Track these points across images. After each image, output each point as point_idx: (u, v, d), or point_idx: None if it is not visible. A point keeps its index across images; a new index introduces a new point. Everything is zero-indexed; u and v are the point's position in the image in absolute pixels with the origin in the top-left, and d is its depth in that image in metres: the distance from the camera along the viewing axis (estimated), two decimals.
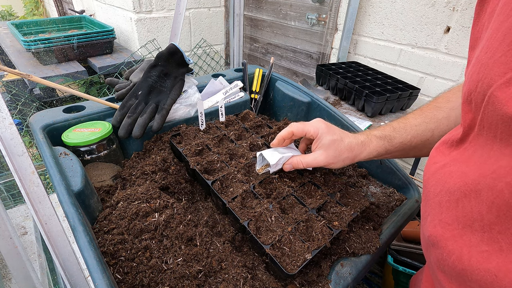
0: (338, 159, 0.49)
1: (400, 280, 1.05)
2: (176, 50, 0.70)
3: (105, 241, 0.44)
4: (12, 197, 1.19)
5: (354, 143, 0.50)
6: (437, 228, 0.31)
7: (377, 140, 0.50)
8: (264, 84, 0.89)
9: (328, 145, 0.49)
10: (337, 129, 0.51)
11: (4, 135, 0.34)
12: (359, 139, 0.50)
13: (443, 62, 1.28)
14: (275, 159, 0.53)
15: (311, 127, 0.51)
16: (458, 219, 0.28)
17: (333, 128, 0.51)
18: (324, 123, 0.52)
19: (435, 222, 0.32)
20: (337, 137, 0.49)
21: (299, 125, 0.52)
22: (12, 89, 1.59)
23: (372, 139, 0.50)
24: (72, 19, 2.20)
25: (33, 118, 0.60)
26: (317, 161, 0.50)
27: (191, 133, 0.68)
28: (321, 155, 0.49)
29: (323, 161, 0.49)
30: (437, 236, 0.31)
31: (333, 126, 0.52)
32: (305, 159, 0.51)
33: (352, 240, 0.52)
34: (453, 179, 0.29)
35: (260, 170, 0.58)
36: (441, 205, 0.31)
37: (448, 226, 0.29)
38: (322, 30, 1.67)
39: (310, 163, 0.51)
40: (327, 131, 0.50)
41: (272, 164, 0.53)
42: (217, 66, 2.22)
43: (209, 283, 0.44)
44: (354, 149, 0.50)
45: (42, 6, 4.04)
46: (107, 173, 0.61)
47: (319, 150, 0.50)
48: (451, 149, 0.33)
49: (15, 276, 0.47)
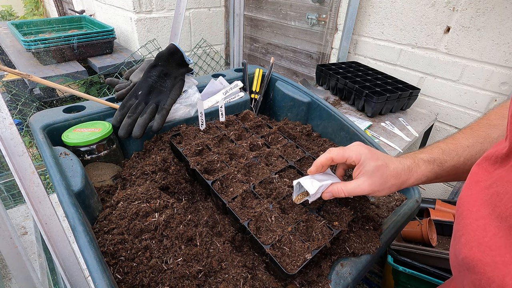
0: (384, 186, 0.45)
1: (400, 280, 1.05)
2: (176, 50, 0.70)
3: (105, 241, 0.44)
4: (12, 197, 1.19)
5: (400, 169, 0.46)
6: (475, 251, 0.29)
7: (426, 164, 0.46)
8: (264, 84, 0.89)
9: (372, 172, 0.45)
10: (380, 154, 0.47)
11: (4, 135, 0.34)
12: (405, 164, 0.46)
13: (443, 62, 1.28)
14: (315, 188, 0.48)
15: (352, 152, 0.47)
16: (508, 247, 0.26)
17: (375, 152, 0.47)
18: (366, 147, 0.48)
19: (472, 244, 0.30)
20: (382, 163, 0.45)
21: (339, 150, 0.48)
22: (12, 89, 1.59)
23: (420, 163, 0.46)
24: (72, 19, 2.20)
25: (33, 118, 0.60)
26: (361, 189, 0.46)
27: (191, 133, 0.68)
28: (364, 183, 0.45)
29: (367, 189, 0.45)
30: (474, 259, 0.29)
31: (375, 150, 0.48)
32: (346, 187, 0.47)
33: (352, 240, 0.52)
34: (504, 202, 0.27)
35: (298, 199, 0.53)
36: (486, 230, 0.28)
37: (491, 251, 0.27)
38: (322, 30, 1.67)
39: (353, 191, 0.47)
40: (370, 156, 0.46)
41: (311, 193, 0.48)
42: (217, 66, 2.22)
43: (209, 283, 0.44)
44: (401, 176, 0.46)
45: (42, 6, 4.04)
46: (107, 173, 0.61)
47: (362, 177, 0.46)
48: (495, 166, 0.31)
49: (15, 276, 0.47)
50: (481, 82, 1.20)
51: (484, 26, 1.13)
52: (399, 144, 1.08)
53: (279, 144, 0.71)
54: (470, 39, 1.18)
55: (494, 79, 1.17)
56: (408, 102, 1.28)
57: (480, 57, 1.17)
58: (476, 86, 1.23)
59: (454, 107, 1.32)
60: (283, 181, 0.60)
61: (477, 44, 1.17)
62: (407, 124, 1.21)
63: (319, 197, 0.50)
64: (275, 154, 0.67)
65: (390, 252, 1.05)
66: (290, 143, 0.72)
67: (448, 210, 1.18)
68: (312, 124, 0.83)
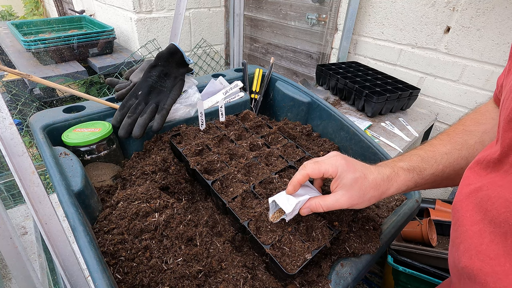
0: (363, 199, 0.44)
1: (400, 280, 1.05)
2: (176, 50, 0.70)
3: (105, 241, 0.44)
4: (12, 197, 1.19)
5: (379, 179, 0.44)
6: (474, 261, 0.28)
7: (405, 173, 0.45)
8: (264, 84, 0.89)
9: (350, 185, 0.43)
10: (358, 164, 0.46)
11: (4, 135, 0.34)
12: (384, 174, 0.45)
13: (443, 62, 1.28)
14: (291, 205, 0.46)
15: (328, 165, 0.45)
16: (506, 255, 0.26)
17: (353, 163, 0.45)
18: (342, 157, 0.46)
19: (471, 253, 0.29)
20: (360, 175, 0.44)
21: (314, 165, 0.46)
22: (12, 89, 1.59)
23: (399, 172, 0.45)
24: (72, 19, 2.20)
25: (33, 118, 0.60)
26: (339, 203, 0.44)
27: (191, 133, 0.68)
28: (343, 196, 0.44)
29: (346, 203, 0.44)
30: (474, 269, 0.28)
31: (352, 160, 0.46)
32: (325, 202, 0.45)
33: (352, 240, 0.52)
34: (496, 207, 0.27)
35: (274, 218, 0.50)
36: (482, 236, 0.28)
37: (490, 260, 0.27)
38: (322, 30, 1.67)
39: (331, 206, 0.45)
40: (347, 168, 0.44)
41: (288, 212, 0.46)
42: (217, 66, 2.22)
43: (209, 283, 0.44)
44: (380, 186, 0.44)
45: (42, 6, 4.04)
46: (107, 173, 0.61)
47: (340, 190, 0.44)
48: (488, 170, 0.31)
49: (15, 276, 0.47)
50: (481, 82, 1.20)
51: (484, 26, 1.13)
52: (399, 144, 1.08)
53: (279, 144, 0.71)
54: (470, 39, 1.18)
55: (494, 79, 1.17)
56: (408, 102, 1.28)
57: (480, 57, 1.17)
58: (476, 86, 1.23)
59: (454, 107, 1.32)
60: (283, 181, 0.60)
61: (477, 44, 1.17)
62: (407, 124, 1.21)
63: (297, 213, 0.48)
64: (275, 154, 0.67)
65: (390, 252, 1.05)
66: (290, 143, 0.72)
67: (448, 210, 1.18)
68: (312, 124, 0.83)
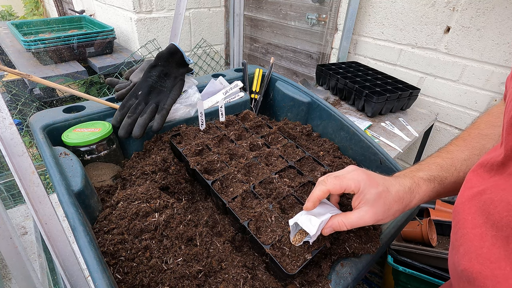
0: (388, 214, 0.42)
1: (400, 280, 1.05)
2: (176, 50, 0.70)
3: (105, 241, 0.44)
4: (12, 197, 1.19)
5: (401, 192, 0.43)
6: (474, 263, 0.28)
7: (426, 183, 0.44)
8: (264, 84, 0.89)
9: (374, 200, 0.42)
10: (378, 177, 0.44)
11: (4, 135, 0.34)
12: (406, 186, 0.43)
13: (443, 62, 1.28)
14: (315, 226, 0.43)
15: (350, 181, 0.43)
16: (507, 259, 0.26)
17: (374, 177, 0.44)
18: (363, 172, 0.44)
19: (470, 255, 0.29)
20: (383, 189, 0.42)
21: (335, 181, 0.44)
22: (12, 89, 1.59)
23: (420, 183, 0.44)
24: (72, 19, 2.20)
25: (33, 118, 0.60)
26: (364, 220, 0.42)
27: (191, 133, 0.68)
28: (367, 213, 0.42)
29: (371, 219, 0.42)
30: (474, 272, 0.28)
31: (372, 173, 0.45)
32: (348, 220, 0.43)
33: (352, 240, 0.52)
34: (499, 211, 0.27)
35: (296, 241, 0.47)
36: (483, 239, 0.28)
37: (490, 264, 0.27)
38: (322, 30, 1.67)
39: (355, 224, 0.43)
40: (370, 183, 0.42)
41: (312, 234, 0.44)
42: (217, 66, 2.22)
43: (209, 283, 0.44)
44: (404, 199, 0.43)
45: (42, 6, 4.04)
46: (107, 173, 0.61)
47: (364, 206, 0.42)
48: (491, 173, 0.30)
49: (15, 276, 0.47)
50: (481, 82, 1.20)
51: (484, 26, 1.13)
52: (399, 144, 1.08)
53: (279, 144, 0.71)
54: (470, 39, 1.18)
55: (494, 79, 1.17)
56: (408, 102, 1.28)
57: (480, 57, 1.17)
58: (476, 86, 1.23)
59: (454, 107, 1.32)
60: (283, 181, 0.60)
61: (477, 44, 1.17)
62: (407, 124, 1.21)
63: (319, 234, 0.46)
64: (275, 154, 0.67)
65: (390, 252, 1.05)
66: (290, 143, 0.72)
67: (448, 210, 1.18)
68: (312, 124, 0.83)
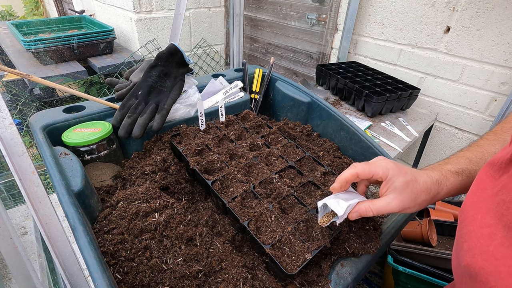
0: (415, 203, 0.43)
1: (400, 280, 1.05)
2: (176, 50, 0.70)
3: (105, 241, 0.44)
4: (12, 197, 1.19)
5: (429, 182, 0.43)
6: (477, 259, 0.29)
7: (454, 176, 0.44)
8: (264, 84, 0.89)
9: (402, 188, 0.43)
10: (407, 168, 0.45)
11: (4, 135, 0.34)
12: (434, 177, 0.44)
13: (443, 62, 1.28)
14: (342, 208, 0.45)
15: (379, 168, 0.44)
16: None
17: (402, 167, 0.45)
18: (391, 161, 0.45)
19: (474, 252, 0.29)
20: (411, 178, 0.43)
21: (365, 166, 0.45)
22: (12, 89, 1.59)
23: (448, 175, 0.44)
24: (72, 19, 2.20)
25: (33, 118, 0.60)
26: (391, 207, 0.43)
27: (191, 133, 0.68)
28: (394, 200, 0.43)
29: (398, 207, 0.43)
30: (476, 268, 0.28)
31: (400, 164, 0.46)
32: (375, 206, 0.44)
33: (352, 240, 0.52)
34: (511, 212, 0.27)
35: (323, 222, 0.48)
36: (491, 238, 0.28)
37: (495, 261, 0.27)
38: (322, 30, 1.67)
39: (382, 210, 0.44)
40: (398, 171, 0.44)
41: (340, 215, 0.45)
42: (217, 66, 2.22)
43: (209, 283, 0.44)
44: (431, 190, 0.43)
45: (42, 6, 4.04)
46: (107, 173, 0.61)
47: (391, 193, 0.43)
48: (500, 172, 0.30)
49: (15, 276, 0.47)
50: (481, 82, 1.20)
51: (484, 26, 1.13)
52: (399, 144, 1.08)
53: (279, 144, 0.71)
54: (470, 39, 1.18)
55: (494, 79, 1.17)
56: (408, 102, 1.28)
57: (480, 57, 1.17)
58: (476, 86, 1.23)
59: (454, 107, 1.32)
60: (283, 181, 0.60)
61: (477, 44, 1.17)
62: (407, 124, 1.21)
63: (346, 217, 0.47)
64: (275, 154, 0.67)
65: (390, 252, 1.05)
66: (290, 143, 0.72)
67: (448, 210, 1.18)
68: (312, 124, 0.83)
